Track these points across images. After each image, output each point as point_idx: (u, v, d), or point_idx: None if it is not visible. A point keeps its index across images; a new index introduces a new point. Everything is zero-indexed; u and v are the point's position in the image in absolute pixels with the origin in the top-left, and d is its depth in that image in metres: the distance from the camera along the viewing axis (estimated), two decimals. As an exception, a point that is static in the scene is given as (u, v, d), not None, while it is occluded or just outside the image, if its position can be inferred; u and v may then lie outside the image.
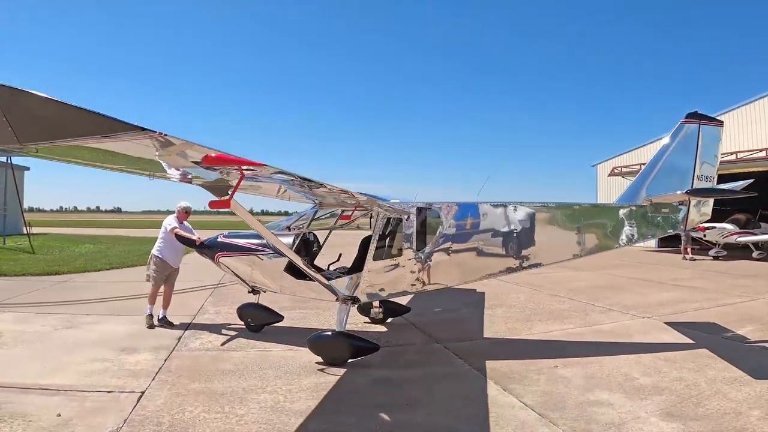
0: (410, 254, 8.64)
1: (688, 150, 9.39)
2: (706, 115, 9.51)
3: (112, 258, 22.13)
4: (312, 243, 9.93)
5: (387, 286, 8.82)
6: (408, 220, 8.67)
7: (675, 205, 9.31)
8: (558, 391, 6.99)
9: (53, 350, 8.69)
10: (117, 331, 10.02)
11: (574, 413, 6.26)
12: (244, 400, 6.60)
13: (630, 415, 6.22)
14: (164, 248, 10.38)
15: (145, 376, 7.51)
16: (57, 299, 13.13)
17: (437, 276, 8.81)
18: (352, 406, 6.47)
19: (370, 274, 8.67)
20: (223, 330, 10.24)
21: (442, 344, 9.47)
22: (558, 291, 15.64)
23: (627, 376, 7.64)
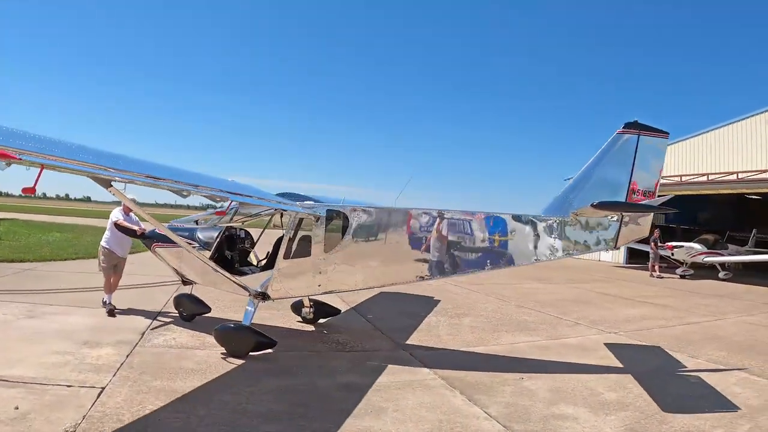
0: (319, 255, 8.80)
1: (623, 162, 8.65)
2: (648, 126, 8.75)
3: (78, 248, 21.75)
4: (238, 239, 10.10)
5: (296, 285, 9.07)
6: (318, 222, 8.82)
7: (606, 219, 8.68)
8: (523, 404, 7.04)
9: (13, 340, 8.56)
10: (80, 324, 9.90)
11: (538, 426, 6.32)
12: (206, 401, 6.55)
13: (594, 430, 6.30)
14: (111, 239, 10.97)
15: (106, 371, 7.44)
16: (20, 287, 12.91)
17: (343, 278, 8.99)
18: (317, 410, 6.47)
19: (280, 272, 8.87)
20: (187, 327, 10.14)
21: (408, 351, 9.49)
22: (526, 303, 15.74)
23: (592, 390, 7.71)
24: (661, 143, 8.91)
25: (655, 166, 8.84)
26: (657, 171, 8.86)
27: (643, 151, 8.65)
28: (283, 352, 8.91)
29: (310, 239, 8.89)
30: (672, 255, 26.17)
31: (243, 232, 10.36)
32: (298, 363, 8.42)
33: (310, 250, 8.85)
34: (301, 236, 9.02)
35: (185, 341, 9.18)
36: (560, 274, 24.74)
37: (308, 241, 8.90)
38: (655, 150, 8.82)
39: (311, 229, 8.88)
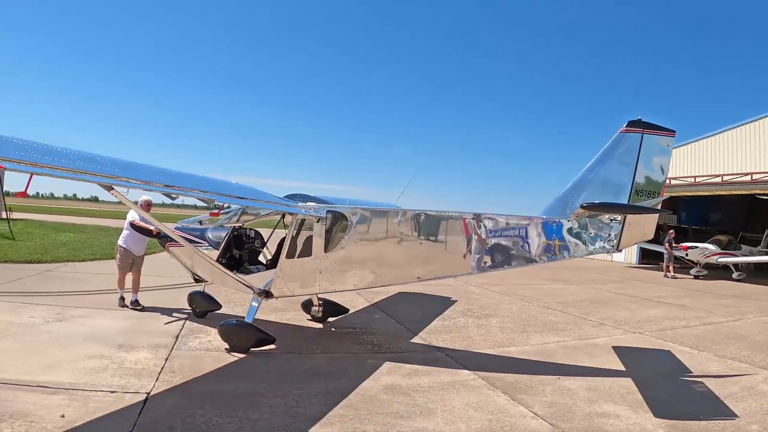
0: (319, 255, 8.80)
1: (626, 161, 8.28)
2: (652, 124, 8.35)
3: (95, 248, 21.31)
4: (247, 239, 10.24)
5: (298, 284, 9.05)
6: (318, 223, 8.81)
7: (608, 221, 8.40)
8: (564, 402, 6.98)
9: (46, 344, 8.24)
10: (110, 327, 9.61)
11: (584, 424, 6.28)
12: (255, 405, 6.35)
13: (637, 426, 6.27)
14: (128, 238, 11.25)
15: (147, 376, 7.17)
16: (43, 289, 12.59)
17: (343, 278, 8.98)
18: (366, 412, 6.32)
19: (283, 272, 8.89)
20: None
21: (443, 353, 9.35)
22: (548, 303, 15.57)
23: (628, 389, 7.66)
24: (666, 142, 8.48)
25: (661, 165, 8.45)
26: (662, 170, 8.46)
27: (648, 150, 8.29)
28: (320, 354, 8.82)
29: (311, 239, 8.90)
30: (686, 255, 25.90)
31: (253, 232, 10.42)
32: (339, 365, 8.26)
33: (311, 250, 8.85)
34: (303, 237, 9.03)
35: (221, 344, 8.86)
36: (575, 274, 24.52)
37: (309, 241, 8.91)
38: (660, 149, 8.42)
39: (312, 229, 8.88)
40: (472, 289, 17.58)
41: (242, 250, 10.09)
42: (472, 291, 17.26)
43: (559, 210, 8.59)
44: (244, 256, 10.10)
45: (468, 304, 14.68)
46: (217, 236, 9.80)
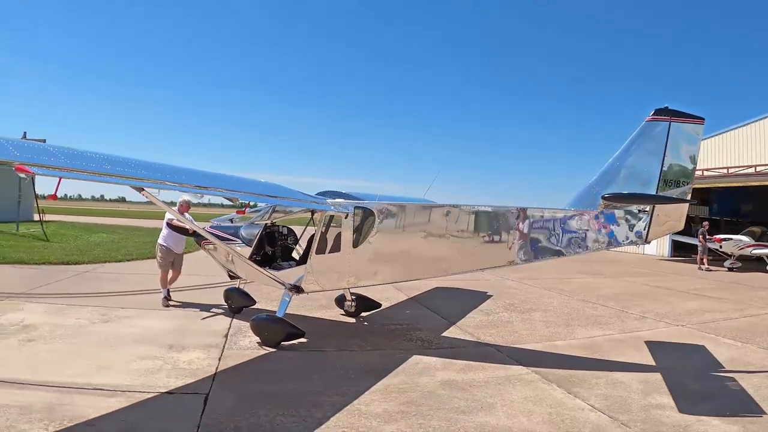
0: (347, 251, 8.77)
1: (653, 151, 7.93)
2: (680, 111, 7.97)
3: (130, 249, 21.20)
4: (279, 235, 10.39)
5: (327, 279, 9.08)
6: (346, 219, 8.77)
7: (636, 212, 8.07)
8: (619, 395, 6.90)
9: (95, 346, 8.05)
10: (158, 327, 9.42)
11: (641, 416, 6.22)
12: (317, 403, 6.18)
13: (692, 418, 6.21)
14: (167, 237, 11.41)
15: (203, 376, 6.96)
16: (84, 290, 12.44)
17: (371, 273, 8.94)
18: (428, 408, 6.19)
19: (312, 267, 8.94)
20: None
21: (493, 347, 9.20)
22: (587, 297, 15.26)
23: (678, 380, 7.58)
24: (695, 129, 8.08)
25: (690, 153, 8.05)
26: (692, 159, 8.07)
27: (675, 139, 7.91)
28: (372, 351, 8.66)
29: (339, 235, 8.89)
30: (720, 248, 25.25)
31: (285, 229, 10.54)
32: (392, 361, 8.05)
33: (339, 245, 8.85)
34: (331, 233, 9.07)
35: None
36: (608, 268, 24.06)
37: (338, 237, 8.91)
38: (688, 137, 8.03)
39: (340, 225, 8.86)
40: (510, 284, 17.32)
41: (274, 246, 10.17)
42: (510, 286, 16.98)
43: (585, 202, 8.29)
44: (276, 252, 10.18)
45: (509, 298, 14.46)
46: (249, 234, 9.88)
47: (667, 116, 7.95)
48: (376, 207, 8.81)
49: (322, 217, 9.15)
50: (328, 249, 8.98)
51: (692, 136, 8.07)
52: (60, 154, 5.64)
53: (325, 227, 9.05)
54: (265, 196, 8.60)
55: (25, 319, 9.38)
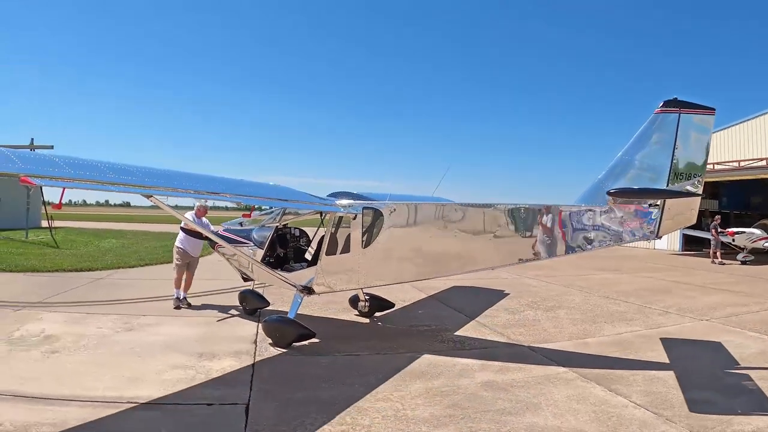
0: (357, 252, 8.68)
1: (663, 143, 7.64)
2: (689, 102, 7.66)
3: (141, 254, 20.84)
4: (291, 237, 10.42)
5: (337, 280, 8.99)
6: (355, 220, 8.69)
7: (645, 206, 7.78)
8: (659, 391, 6.80)
9: (122, 356, 7.70)
10: (183, 335, 9.07)
11: (683, 410, 6.15)
12: (361, 410, 5.96)
13: (734, 412, 6.14)
14: (184, 240, 11.43)
15: (239, 385, 6.64)
16: (101, 298, 12.08)
17: (381, 273, 8.85)
18: (474, 411, 6.02)
19: (323, 268, 8.88)
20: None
21: (526, 346, 9.03)
22: (608, 294, 15.00)
23: (713, 374, 7.58)
24: (705, 120, 7.74)
25: (701, 145, 7.73)
26: (703, 151, 7.74)
27: (686, 131, 7.60)
28: (407, 354, 8.31)
29: (348, 236, 8.80)
30: (733, 241, 24.92)
31: (298, 231, 10.57)
32: (429, 364, 7.82)
33: (349, 246, 8.76)
34: (341, 234, 8.97)
35: (300, 348, 8.44)
36: (623, 263, 23.76)
37: (347, 238, 8.82)
38: (699, 128, 7.70)
39: (349, 226, 8.77)
40: (529, 282, 17.05)
41: (286, 248, 10.21)
42: (529, 283, 16.70)
43: (594, 197, 8.03)
44: (288, 254, 10.21)
45: (530, 296, 14.21)
46: (261, 236, 9.89)
47: (676, 107, 7.65)
48: (384, 207, 8.69)
49: (331, 218, 9.05)
50: (338, 250, 8.89)
51: (703, 127, 7.73)
52: (65, 164, 5.66)
53: (334, 228, 8.98)
54: (274, 199, 8.62)
55: (45, 329, 9.02)
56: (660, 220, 7.67)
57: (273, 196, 8.64)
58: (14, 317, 9.87)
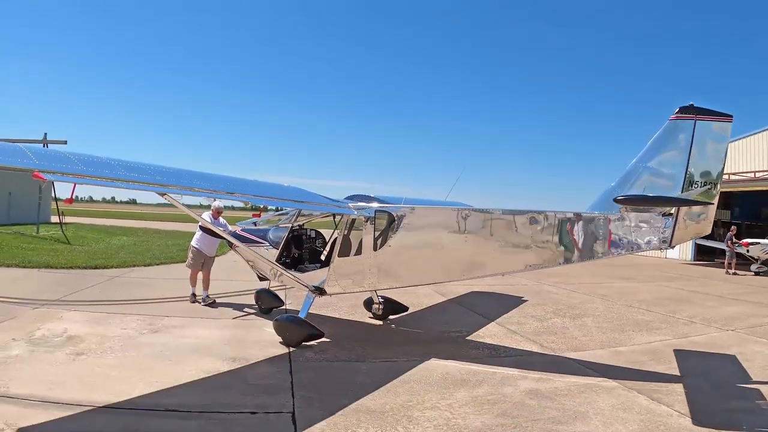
0: (368, 254, 8.59)
1: (678, 151, 7.36)
2: (706, 109, 7.35)
3: (155, 252, 20.46)
4: (307, 239, 10.36)
5: (349, 282, 8.89)
6: (367, 222, 8.60)
7: (658, 215, 7.48)
8: (700, 400, 6.69)
9: (152, 359, 7.33)
10: (211, 337, 8.73)
11: (724, 418, 6.10)
12: (412, 419, 5.72)
13: None
14: (200, 240, 11.53)
15: (280, 392, 6.30)
16: (120, 297, 11.73)
17: (392, 276, 8.76)
18: (524, 419, 5.85)
19: (335, 270, 8.80)
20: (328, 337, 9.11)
21: (560, 354, 8.83)
22: (630, 302, 14.73)
23: (747, 384, 7.50)
24: (723, 127, 7.42)
25: (717, 153, 7.41)
26: (719, 159, 7.42)
27: (702, 138, 7.31)
28: (445, 361, 8.00)
29: (361, 239, 8.74)
30: (747, 251, 24.58)
31: (314, 233, 10.46)
32: (469, 371, 7.58)
33: (361, 249, 8.68)
34: (353, 236, 8.97)
35: (336, 353, 8.13)
36: (638, 272, 23.38)
37: (359, 240, 8.77)
38: (715, 135, 7.38)
39: (362, 229, 8.69)
40: (549, 289, 16.78)
41: (300, 249, 10.17)
42: (550, 290, 16.42)
43: (607, 205, 7.76)
44: (304, 255, 10.17)
45: (554, 304, 13.92)
46: (276, 236, 9.87)
47: (692, 114, 7.37)
48: (397, 210, 8.62)
49: (344, 220, 9.01)
50: (350, 252, 8.83)
51: (719, 134, 7.41)
52: (78, 161, 5.75)
53: (347, 230, 8.97)
54: (288, 200, 8.54)
55: (67, 329, 8.67)
56: (674, 230, 7.38)
57: (286, 197, 8.54)
58: (34, 315, 9.57)
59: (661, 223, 7.44)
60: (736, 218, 32.27)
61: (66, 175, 5.45)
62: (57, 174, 5.37)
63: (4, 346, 7.51)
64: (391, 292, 10.56)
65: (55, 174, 5.36)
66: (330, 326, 9.63)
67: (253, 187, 8.37)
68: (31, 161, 5.25)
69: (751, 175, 26.19)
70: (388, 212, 8.65)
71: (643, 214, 7.50)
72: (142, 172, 6.39)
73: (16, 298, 10.90)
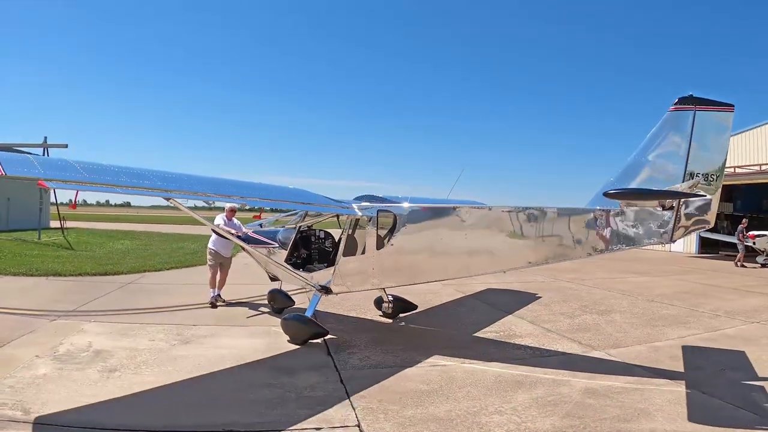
0: (372, 253, 8.64)
1: (678, 143, 7.05)
2: (706, 99, 7.04)
3: (163, 256, 19.96)
4: (316, 239, 10.41)
5: (354, 281, 8.97)
6: (370, 222, 8.69)
7: (655, 210, 7.17)
8: (749, 394, 6.66)
9: (192, 375, 6.82)
10: (246, 347, 8.26)
11: None
12: (482, 425, 5.52)
13: None
14: (216, 241, 11.51)
15: (338, 404, 5.94)
16: (139, 305, 11.18)
17: (395, 274, 8.78)
18: (589, 419, 5.72)
19: (340, 269, 8.88)
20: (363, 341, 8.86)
21: (601, 351, 8.76)
22: (651, 297, 14.57)
23: None
24: (724, 118, 7.09)
25: (718, 144, 7.10)
26: (721, 150, 7.12)
27: (702, 129, 6.99)
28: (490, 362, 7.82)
29: (364, 238, 8.83)
30: (754, 244, 24.46)
31: (323, 233, 10.45)
32: (520, 373, 7.37)
33: (364, 248, 8.76)
34: (357, 236, 9.06)
35: (380, 359, 7.80)
36: (647, 266, 23.20)
37: (363, 240, 8.86)
38: (716, 126, 7.05)
39: (366, 228, 8.78)
40: (567, 285, 16.53)
41: (308, 249, 10.25)
42: (569, 287, 16.17)
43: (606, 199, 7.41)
44: (313, 255, 10.23)
45: (577, 300, 13.73)
46: (285, 237, 9.98)
47: (692, 105, 7.05)
48: (399, 210, 8.62)
49: (348, 220, 9.13)
50: (354, 252, 8.91)
51: (721, 125, 7.08)
52: (81, 168, 5.85)
53: (351, 230, 9.10)
54: (289, 202, 8.61)
55: (92, 343, 8.13)
56: (674, 224, 7.07)
57: (291, 199, 8.57)
58: (53, 328, 8.97)
59: (661, 217, 7.12)
60: (738, 210, 32.22)
61: (70, 183, 5.60)
62: (62, 182, 5.56)
63: (29, 365, 6.95)
64: (401, 291, 10.58)
65: (60, 182, 5.56)
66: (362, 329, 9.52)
67: (252, 189, 8.41)
68: (37, 171, 5.46)
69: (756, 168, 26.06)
70: (390, 212, 8.68)
71: (643, 209, 7.19)
72: (144, 178, 6.48)
73: (30, 309, 10.31)
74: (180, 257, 19.76)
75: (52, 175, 5.55)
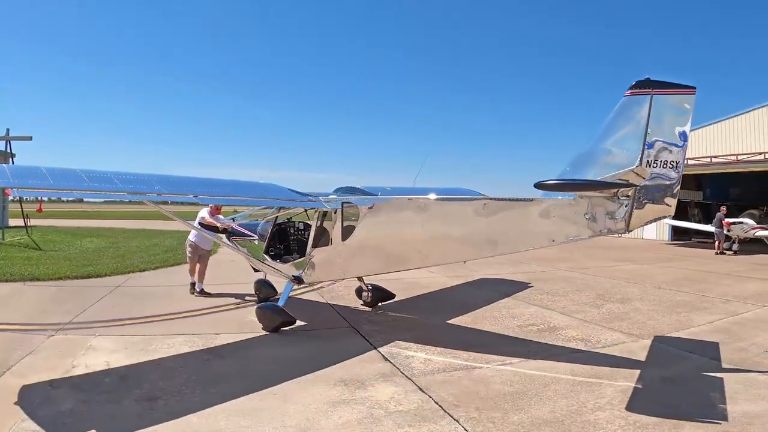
0: (337, 245, 8.97)
1: (633, 129, 6.55)
2: (664, 82, 6.52)
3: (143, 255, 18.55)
4: (295, 231, 10.68)
5: (323, 271, 9.33)
6: (335, 215, 8.99)
7: (613, 199, 6.81)
8: None
9: (252, 396, 5.93)
10: (291, 356, 7.43)
11: None
12: (593, 423, 5.30)
13: None
14: (197, 235, 11.77)
15: (434, 414, 5.43)
16: (139, 313, 9.90)
17: (359, 265, 9.14)
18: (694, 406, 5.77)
19: (310, 260, 9.19)
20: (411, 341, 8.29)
21: (648, 339, 8.73)
22: (657, 284, 14.58)
23: None
24: (684, 101, 6.60)
25: (678, 129, 6.59)
26: (680, 136, 6.58)
27: (660, 113, 6.49)
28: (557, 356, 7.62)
29: (331, 230, 9.14)
30: (728, 231, 24.83)
31: (302, 225, 10.72)
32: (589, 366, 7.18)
33: (330, 240, 9.09)
34: (324, 228, 9.38)
35: (443, 360, 7.30)
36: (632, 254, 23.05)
37: (329, 231, 9.17)
38: (676, 109, 6.57)
39: (332, 221, 9.07)
40: (571, 275, 16.25)
41: (285, 241, 10.54)
42: (574, 276, 15.95)
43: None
44: (291, 246, 10.49)
45: (591, 290, 13.54)
46: (264, 230, 10.35)
47: (648, 88, 6.52)
48: (362, 202, 8.89)
49: (317, 213, 9.51)
50: (323, 243, 9.21)
51: (680, 108, 6.60)
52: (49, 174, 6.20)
53: (319, 222, 9.42)
54: (261, 198, 8.97)
55: (110, 363, 6.92)
56: (630, 213, 6.72)
57: (258, 195, 8.89)
58: (55, 347, 7.65)
59: (616, 206, 6.79)
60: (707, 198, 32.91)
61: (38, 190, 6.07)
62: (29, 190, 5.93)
63: (46, 398, 5.67)
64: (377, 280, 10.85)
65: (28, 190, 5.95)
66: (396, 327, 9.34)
67: (220, 186, 8.73)
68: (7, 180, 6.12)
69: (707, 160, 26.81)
70: (353, 204, 8.96)
71: (598, 198, 6.85)
72: (109, 182, 6.70)
73: (19, 323, 8.93)
74: (161, 256, 18.49)
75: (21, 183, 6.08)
